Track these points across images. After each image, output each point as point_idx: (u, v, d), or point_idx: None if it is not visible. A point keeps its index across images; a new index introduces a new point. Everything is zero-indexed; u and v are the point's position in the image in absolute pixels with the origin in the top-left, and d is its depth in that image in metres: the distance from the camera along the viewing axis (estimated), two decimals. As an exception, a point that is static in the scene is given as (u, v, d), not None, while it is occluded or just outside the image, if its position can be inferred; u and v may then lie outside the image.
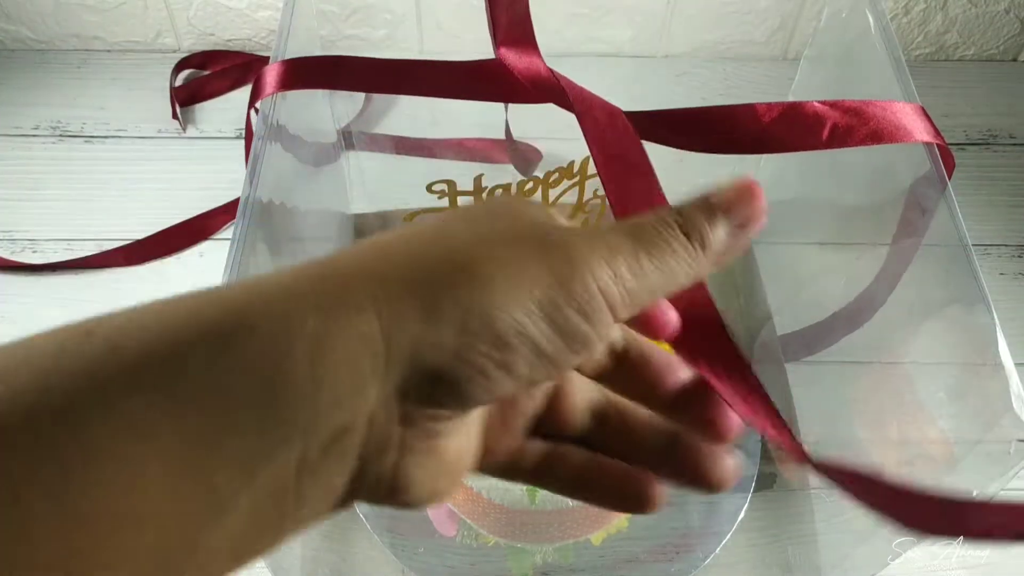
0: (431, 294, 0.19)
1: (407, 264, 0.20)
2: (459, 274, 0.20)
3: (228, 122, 0.74)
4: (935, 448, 0.41)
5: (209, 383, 0.17)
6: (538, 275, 0.20)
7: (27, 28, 0.76)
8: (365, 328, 0.18)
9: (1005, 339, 0.36)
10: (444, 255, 0.20)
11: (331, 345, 0.18)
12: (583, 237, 0.21)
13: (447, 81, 0.40)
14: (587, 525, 0.52)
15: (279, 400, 0.17)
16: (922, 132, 0.38)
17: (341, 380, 0.18)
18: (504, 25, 0.36)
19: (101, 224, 0.67)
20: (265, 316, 0.18)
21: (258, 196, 0.39)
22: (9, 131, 0.72)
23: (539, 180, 0.53)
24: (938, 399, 0.42)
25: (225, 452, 0.17)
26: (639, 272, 0.21)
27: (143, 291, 0.64)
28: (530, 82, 0.35)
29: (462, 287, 0.19)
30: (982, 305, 0.37)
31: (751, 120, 0.36)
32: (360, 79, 0.43)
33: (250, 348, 0.17)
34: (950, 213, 0.40)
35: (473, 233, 0.21)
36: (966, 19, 0.76)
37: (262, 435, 0.17)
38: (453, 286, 0.19)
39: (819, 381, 0.56)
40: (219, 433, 0.17)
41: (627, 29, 0.73)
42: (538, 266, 0.20)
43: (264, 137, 0.41)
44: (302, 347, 0.18)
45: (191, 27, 0.76)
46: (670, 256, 0.21)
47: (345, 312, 0.18)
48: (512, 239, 0.21)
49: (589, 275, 0.20)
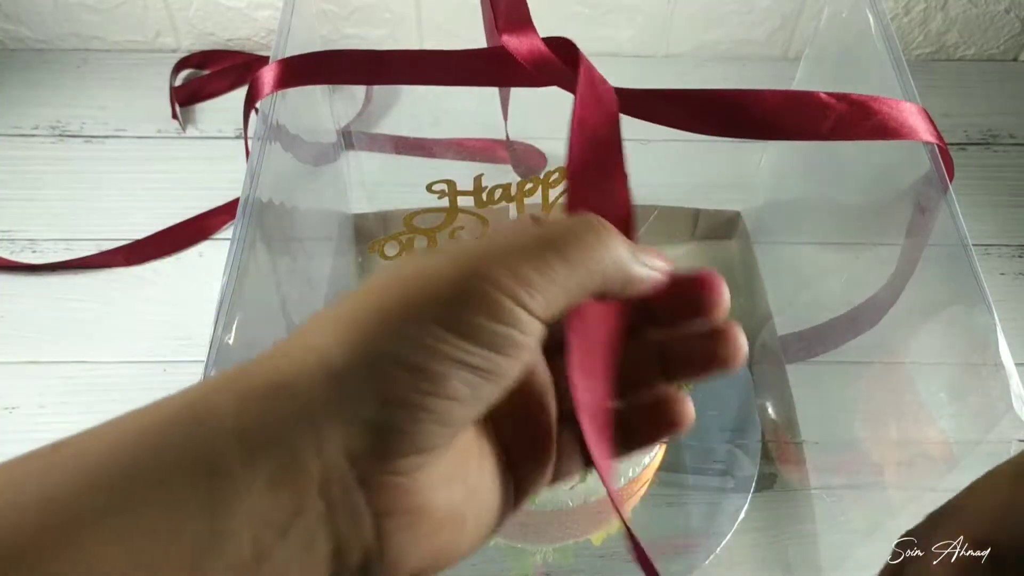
0: (340, 356, 0.19)
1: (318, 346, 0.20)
2: (354, 327, 0.20)
3: (228, 122, 0.74)
4: (935, 448, 0.41)
5: (151, 488, 0.18)
6: (435, 295, 0.20)
7: (27, 28, 0.76)
8: (289, 406, 0.19)
9: (1005, 339, 0.36)
10: (344, 318, 0.20)
11: (260, 435, 0.19)
12: (470, 248, 0.21)
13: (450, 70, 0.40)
14: (587, 525, 0.52)
15: (216, 497, 0.18)
16: (924, 132, 0.38)
17: (273, 465, 0.18)
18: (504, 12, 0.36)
19: (101, 224, 0.67)
20: (195, 421, 0.19)
21: (258, 196, 0.39)
22: (9, 131, 0.72)
23: (539, 180, 0.53)
24: (938, 399, 0.42)
25: (171, 553, 0.17)
26: (543, 266, 0.21)
27: (143, 291, 0.64)
28: (533, 66, 0.35)
29: (362, 336, 0.20)
30: (982, 305, 0.37)
31: (755, 104, 0.36)
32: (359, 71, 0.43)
33: (188, 451, 0.18)
34: (950, 213, 0.40)
35: (363, 291, 0.21)
36: (966, 19, 0.76)
37: (207, 534, 0.18)
38: (356, 341, 0.19)
39: (819, 381, 0.56)
40: (162, 541, 0.17)
41: (627, 29, 0.73)
42: (432, 289, 0.20)
43: (264, 137, 0.41)
44: (232, 442, 0.18)
45: (191, 27, 0.76)
46: (575, 243, 0.21)
47: (270, 405, 0.19)
48: (397, 276, 0.21)
49: (484, 281, 0.20)
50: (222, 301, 0.36)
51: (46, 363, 0.60)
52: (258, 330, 0.39)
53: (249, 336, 0.36)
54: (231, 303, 0.36)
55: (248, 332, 0.36)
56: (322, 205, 0.59)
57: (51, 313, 0.63)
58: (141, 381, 0.59)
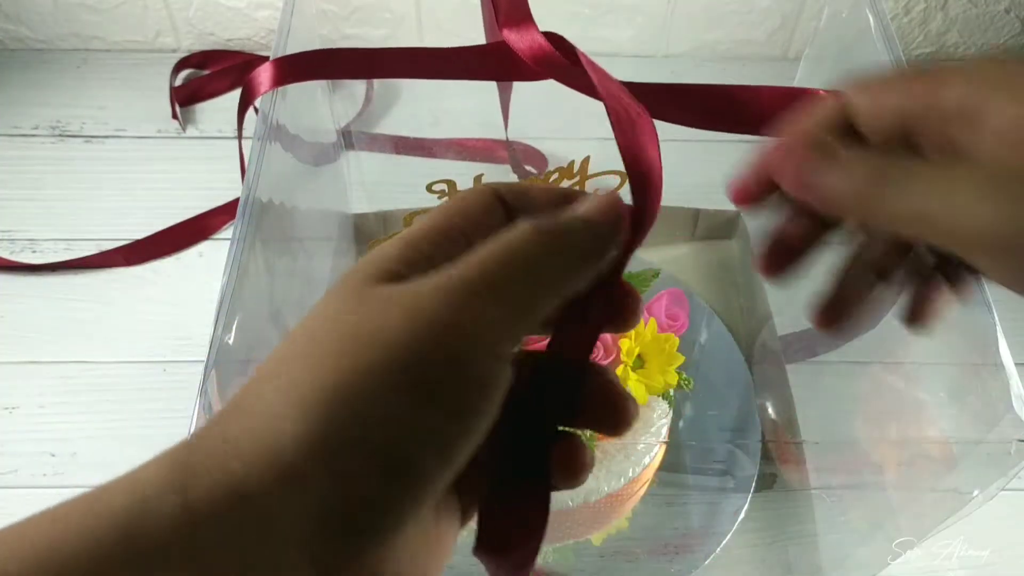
0: (297, 453, 0.17)
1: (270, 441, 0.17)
2: (310, 409, 0.18)
3: (228, 122, 0.73)
4: (935, 448, 0.40)
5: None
6: (398, 360, 0.18)
7: (27, 28, 0.76)
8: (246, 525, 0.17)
9: (1005, 339, 0.36)
10: (296, 394, 0.18)
11: (215, 563, 0.17)
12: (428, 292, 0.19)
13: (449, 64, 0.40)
14: (587, 525, 0.52)
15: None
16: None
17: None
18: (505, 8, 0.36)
19: (101, 224, 0.67)
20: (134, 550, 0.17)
21: (258, 196, 0.39)
22: (9, 131, 0.72)
23: (539, 180, 0.53)
24: (938, 399, 0.42)
25: None
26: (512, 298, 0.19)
27: (143, 291, 0.64)
28: (534, 60, 0.35)
29: (319, 422, 0.17)
30: (982, 305, 0.37)
31: (752, 99, 0.36)
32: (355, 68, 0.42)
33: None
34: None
35: (315, 350, 0.19)
36: (966, 19, 0.76)
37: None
38: (313, 430, 0.17)
39: (819, 381, 0.56)
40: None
41: (627, 29, 0.73)
42: (394, 352, 0.18)
43: (264, 137, 0.41)
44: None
45: (191, 27, 0.76)
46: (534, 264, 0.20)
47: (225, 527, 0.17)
48: (352, 333, 0.19)
49: (452, 335, 0.18)
50: (222, 301, 0.36)
51: (46, 363, 0.60)
52: (258, 330, 0.39)
53: (249, 336, 0.36)
54: (231, 303, 0.36)
55: (248, 332, 0.36)
56: (322, 205, 0.59)
57: (51, 313, 0.63)
58: (141, 381, 0.59)
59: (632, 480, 0.49)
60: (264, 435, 0.18)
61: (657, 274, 0.54)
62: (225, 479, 0.17)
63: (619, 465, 0.49)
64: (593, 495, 0.48)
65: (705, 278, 0.66)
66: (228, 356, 0.35)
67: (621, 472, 0.48)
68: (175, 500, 0.17)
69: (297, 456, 0.17)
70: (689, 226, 0.68)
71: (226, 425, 0.18)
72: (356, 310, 0.19)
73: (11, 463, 0.56)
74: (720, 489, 0.55)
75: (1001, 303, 0.37)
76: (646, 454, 0.49)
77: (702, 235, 0.68)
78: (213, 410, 0.33)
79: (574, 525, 0.51)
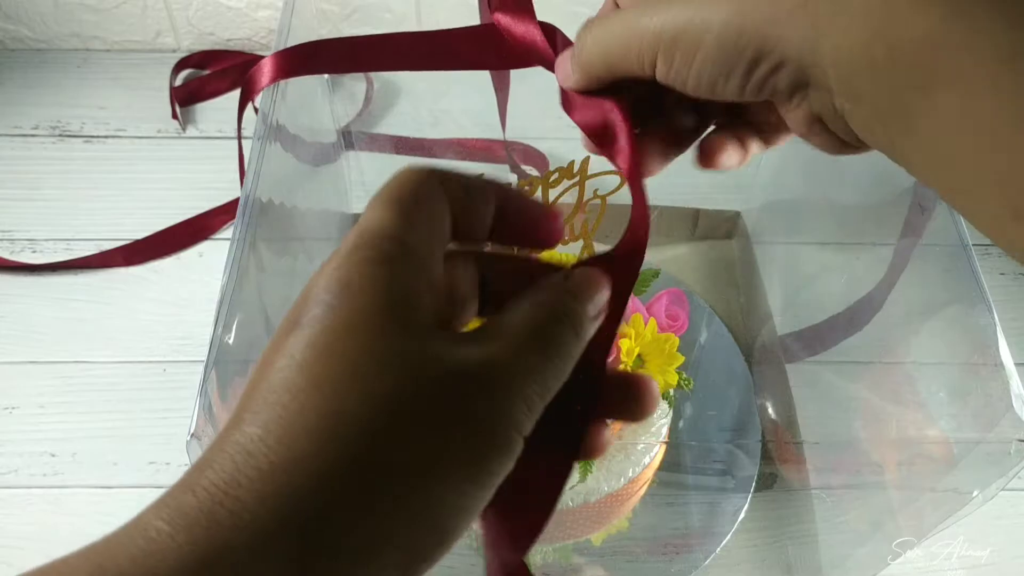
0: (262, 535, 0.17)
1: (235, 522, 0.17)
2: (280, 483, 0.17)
3: (228, 122, 0.74)
4: (935, 448, 0.41)
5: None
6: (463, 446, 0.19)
7: (27, 28, 0.76)
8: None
9: (1005, 339, 0.36)
10: (347, 456, 0.18)
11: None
12: (496, 377, 0.20)
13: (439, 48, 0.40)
14: (587, 525, 0.52)
15: None
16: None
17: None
18: None
19: (101, 224, 0.67)
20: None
21: (258, 196, 0.39)
22: (9, 131, 0.72)
23: (539, 180, 0.53)
24: (938, 399, 0.42)
25: None
26: (546, 388, 0.21)
27: (143, 291, 0.64)
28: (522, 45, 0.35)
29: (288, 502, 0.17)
30: (982, 305, 0.37)
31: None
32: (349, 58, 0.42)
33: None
34: (950, 213, 0.40)
35: (371, 408, 0.18)
36: None
37: None
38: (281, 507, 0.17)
39: (819, 381, 0.56)
40: None
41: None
42: (463, 439, 0.19)
43: (264, 137, 0.41)
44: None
45: (191, 27, 0.76)
46: (565, 351, 0.21)
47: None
48: (422, 411, 0.18)
49: (511, 427, 0.19)
50: (222, 301, 0.36)
51: (46, 363, 0.60)
52: (258, 330, 0.39)
53: (249, 336, 0.36)
54: (231, 303, 0.36)
55: (248, 332, 0.36)
56: (322, 205, 0.59)
57: (51, 313, 0.63)
58: (141, 381, 0.59)
59: (632, 480, 0.49)
60: (230, 504, 0.17)
61: (657, 274, 0.54)
62: (193, 559, 0.17)
63: (619, 465, 0.49)
64: (593, 495, 0.48)
65: (705, 278, 0.66)
66: (228, 356, 0.35)
67: (621, 472, 0.48)
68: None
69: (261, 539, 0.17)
70: (689, 226, 0.68)
71: (192, 487, 0.18)
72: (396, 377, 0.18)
73: (11, 463, 0.56)
74: (720, 489, 0.55)
75: (1001, 303, 0.37)
76: (646, 454, 0.49)
77: (702, 235, 0.68)
78: (213, 410, 0.33)
79: (574, 525, 0.51)
